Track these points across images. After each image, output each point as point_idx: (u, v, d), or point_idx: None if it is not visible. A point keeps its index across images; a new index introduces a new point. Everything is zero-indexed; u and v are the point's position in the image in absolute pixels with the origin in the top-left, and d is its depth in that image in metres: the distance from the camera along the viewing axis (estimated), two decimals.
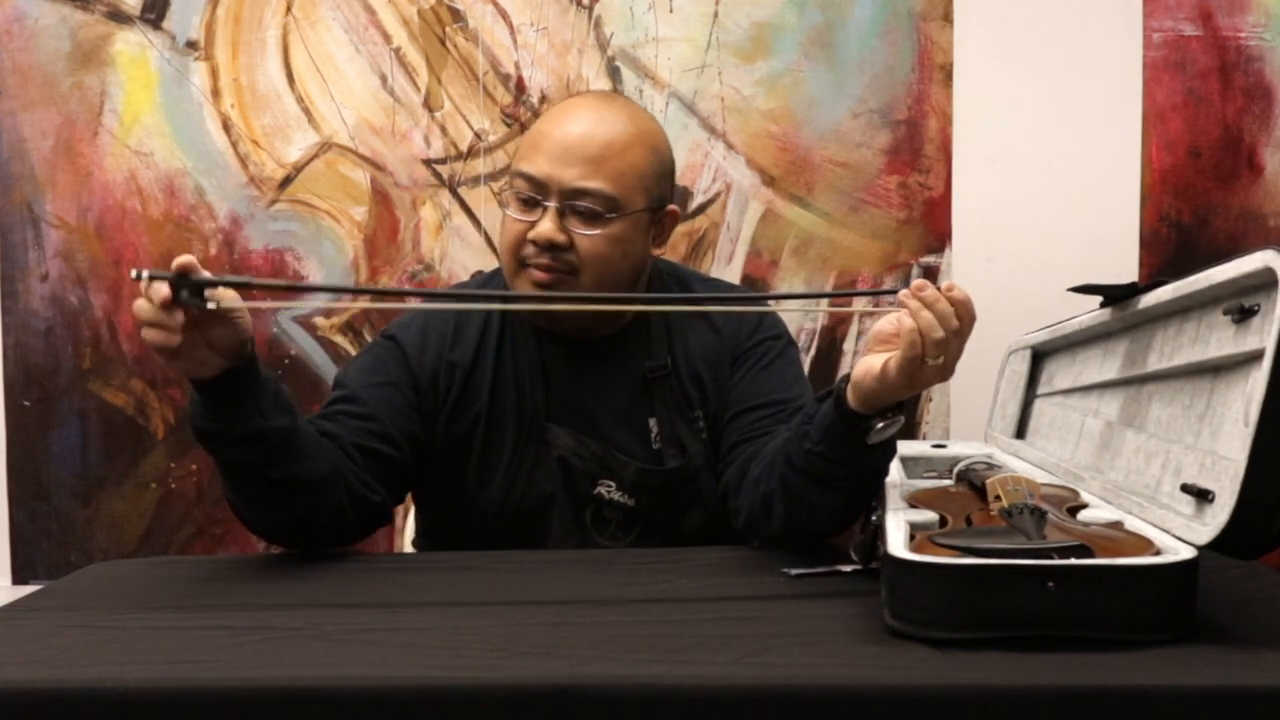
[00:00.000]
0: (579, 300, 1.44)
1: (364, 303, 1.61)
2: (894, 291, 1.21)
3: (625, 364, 1.54)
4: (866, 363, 1.23)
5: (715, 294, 1.66)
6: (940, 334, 1.16)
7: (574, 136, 1.47)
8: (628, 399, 1.54)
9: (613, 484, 1.51)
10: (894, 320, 1.21)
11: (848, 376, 1.26)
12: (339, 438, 1.40)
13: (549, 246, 1.45)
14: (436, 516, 1.60)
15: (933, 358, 1.17)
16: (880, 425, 1.24)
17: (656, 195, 1.51)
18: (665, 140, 1.54)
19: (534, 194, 1.46)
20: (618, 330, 1.55)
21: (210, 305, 1.15)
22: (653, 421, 1.54)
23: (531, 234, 1.45)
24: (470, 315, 1.55)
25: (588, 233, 1.46)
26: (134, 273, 1.13)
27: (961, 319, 1.18)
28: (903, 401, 1.25)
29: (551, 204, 1.45)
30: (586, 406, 1.53)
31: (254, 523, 1.37)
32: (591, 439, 1.51)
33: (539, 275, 1.47)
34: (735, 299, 1.68)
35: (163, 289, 1.13)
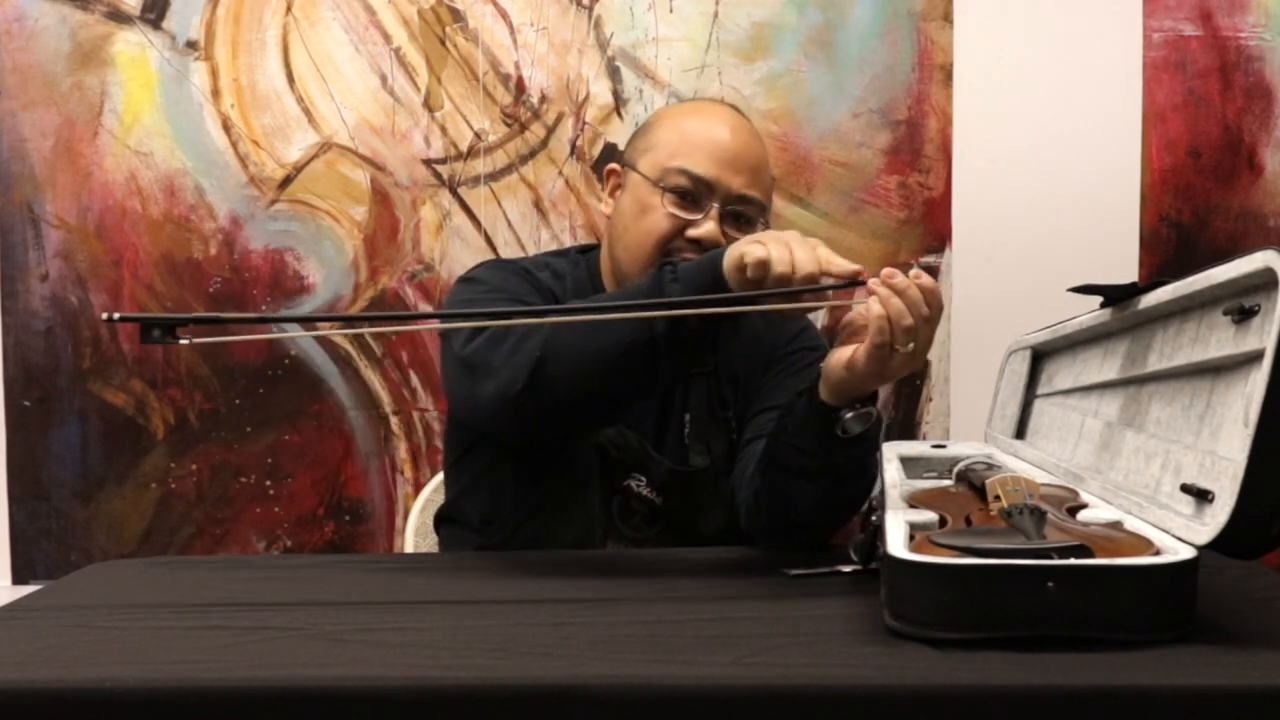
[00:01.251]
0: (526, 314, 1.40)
1: (336, 329, 1.59)
2: (862, 283, 1.21)
3: None
4: (836, 354, 1.24)
5: (694, 301, 1.62)
6: (909, 321, 1.17)
7: (737, 145, 1.50)
8: (667, 394, 1.55)
9: (643, 479, 1.51)
10: (864, 312, 1.22)
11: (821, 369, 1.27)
12: None
13: (712, 248, 1.45)
14: (471, 484, 1.57)
15: (902, 345, 1.18)
16: (849, 416, 1.24)
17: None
18: None
19: (697, 193, 1.48)
20: None
21: (184, 341, 1.14)
22: (687, 418, 1.54)
23: (694, 231, 1.47)
24: (569, 285, 1.56)
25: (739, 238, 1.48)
26: (104, 315, 1.15)
27: (930, 305, 1.19)
28: (875, 394, 1.26)
29: (715, 205, 1.48)
30: None
31: (560, 394, 1.29)
32: (631, 430, 1.51)
33: None
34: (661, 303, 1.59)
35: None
